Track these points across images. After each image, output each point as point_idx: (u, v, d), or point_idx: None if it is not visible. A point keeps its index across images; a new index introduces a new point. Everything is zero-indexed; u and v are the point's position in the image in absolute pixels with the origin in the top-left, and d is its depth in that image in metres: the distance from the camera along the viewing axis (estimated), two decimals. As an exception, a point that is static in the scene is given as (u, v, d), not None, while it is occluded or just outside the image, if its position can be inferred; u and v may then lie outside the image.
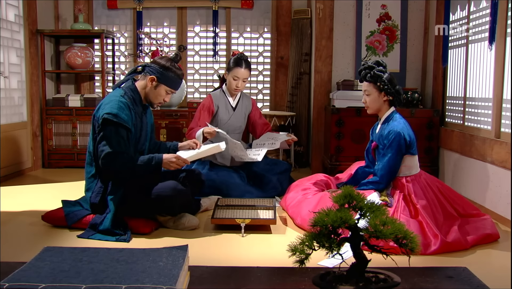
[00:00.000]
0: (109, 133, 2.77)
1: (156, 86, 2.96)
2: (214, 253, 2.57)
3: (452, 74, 4.28)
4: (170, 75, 2.96)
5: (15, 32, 4.66)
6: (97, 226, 2.77)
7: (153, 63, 2.99)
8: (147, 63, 3.03)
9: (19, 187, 4.19)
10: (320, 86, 4.89)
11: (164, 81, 2.96)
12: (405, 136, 2.85)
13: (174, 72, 2.97)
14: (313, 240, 1.41)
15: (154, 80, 2.95)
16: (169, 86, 2.99)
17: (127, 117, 2.82)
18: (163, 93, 2.99)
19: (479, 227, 2.79)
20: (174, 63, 3.00)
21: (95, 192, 2.88)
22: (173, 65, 2.98)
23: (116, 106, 2.80)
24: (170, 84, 2.99)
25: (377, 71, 2.94)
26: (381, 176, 2.89)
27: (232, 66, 3.80)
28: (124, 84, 2.99)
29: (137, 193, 2.83)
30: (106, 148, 2.76)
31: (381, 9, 4.84)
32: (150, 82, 2.96)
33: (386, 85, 2.92)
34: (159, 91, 2.98)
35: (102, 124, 2.79)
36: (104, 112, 2.79)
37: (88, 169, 2.96)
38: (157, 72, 2.94)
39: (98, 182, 2.90)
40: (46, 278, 1.29)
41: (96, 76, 5.56)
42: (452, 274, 1.62)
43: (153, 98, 3.00)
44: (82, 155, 5.05)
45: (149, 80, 2.95)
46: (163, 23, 5.56)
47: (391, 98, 2.96)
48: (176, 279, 1.29)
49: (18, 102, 4.75)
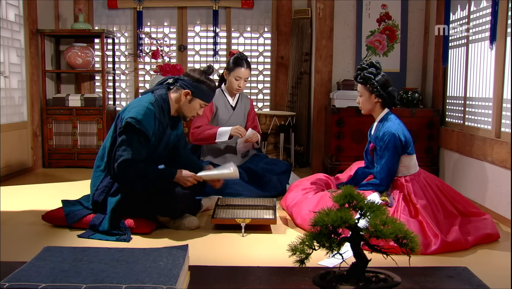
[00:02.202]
0: (130, 139, 2.73)
1: (191, 100, 2.94)
2: (214, 253, 2.57)
3: (452, 74, 4.28)
4: (204, 88, 2.94)
5: (15, 32, 4.66)
6: (96, 226, 2.77)
7: (186, 76, 2.96)
8: (179, 76, 3.00)
9: (19, 186, 4.19)
10: (320, 86, 4.89)
11: (199, 95, 2.94)
12: (400, 137, 2.85)
13: (208, 85, 2.95)
14: (313, 239, 1.41)
15: (189, 94, 2.92)
16: (203, 100, 2.97)
17: (150, 126, 2.78)
18: (197, 107, 2.98)
19: (480, 227, 2.79)
20: (207, 75, 2.99)
21: (99, 189, 2.87)
22: (206, 78, 2.96)
23: (142, 112, 2.76)
24: (204, 98, 2.97)
25: (367, 73, 2.94)
26: (381, 179, 2.89)
27: (233, 67, 3.79)
28: (156, 92, 2.95)
29: (139, 194, 2.83)
30: (124, 154, 2.72)
31: (381, 9, 4.84)
32: (184, 97, 2.93)
33: (375, 87, 2.92)
34: (194, 105, 2.96)
35: (124, 127, 2.75)
36: (129, 116, 2.74)
37: (98, 163, 2.94)
38: (191, 86, 2.92)
39: (104, 179, 2.88)
40: (46, 277, 1.29)
41: (97, 76, 5.56)
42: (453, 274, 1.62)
43: (187, 112, 2.98)
44: (82, 155, 5.06)
45: (183, 95, 2.92)
46: (164, 23, 5.56)
47: (381, 100, 2.96)
48: (176, 279, 1.29)
49: (18, 102, 4.75)
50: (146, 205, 2.83)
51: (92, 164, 3.06)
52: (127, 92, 5.67)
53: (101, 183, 2.88)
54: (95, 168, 2.95)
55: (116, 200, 2.79)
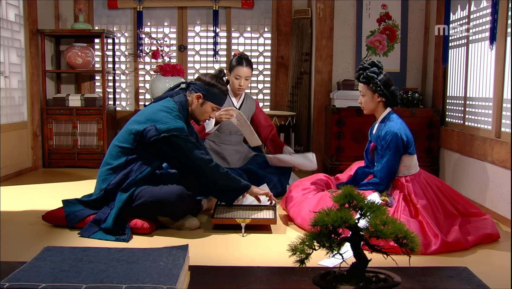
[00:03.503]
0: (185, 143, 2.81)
1: (203, 103, 2.99)
2: (215, 253, 2.57)
3: (453, 74, 4.28)
4: (215, 91, 2.99)
5: (15, 32, 4.66)
6: (101, 222, 2.76)
7: (198, 80, 3.03)
8: (191, 81, 3.07)
9: (19, 187, 4.19)
10: (321, 86, 4.89)
11: (210, 98, 2.99)
12: (402, 137, 2.85)
13: (219, 88, 3.00)
14: (314, 239, 1.41)
15: (200, 97, 2.98)
16: (215, 103, 3.02)
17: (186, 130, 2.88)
18: (209, 110, 3.02)
19: (480, 227, 2.79)
20: (219, 79, 3.03)
21: (111, 185, 2.85)
22: (218, 81, 3.01)
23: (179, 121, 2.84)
24: (216, 101, 3.02)
25: (370, 72, 2.94)
26: (381, 178, 2.89)
27: (233, 66, 3.81)
28: (175, 98, 3.00)
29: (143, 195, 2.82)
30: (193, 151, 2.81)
31: (381, 9, 4.84)
32: (196, 100, 2.99)
33: (378, 86, 2.92)
34: (206, 108, 3.01)
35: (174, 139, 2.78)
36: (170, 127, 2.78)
37: (109, 161, 2.90)
38: (203, 89, 2.97)
39: (117, 175, 2.85)
40: (46, 277, 1.29)
41: (97, 76, 5.56)
42: (453, 274, 1.62)
43: (200, 116, 3.04)
44: (82, 155, 5.05)
45: (195, 98, 2.98)
46: (164, 23, 5.56)
47: (384, 99, 2.96)
48: (176, 279, 1.29)
49: (18, 102, 4.75)
50: (148, 205, 2.82)
51: (92, 164, 3.06)
52: (127, 92, 5.66)
53: (114, 178, 2.85)
54: (105, 165, 2.91)
55: (125, 198, 2.78)
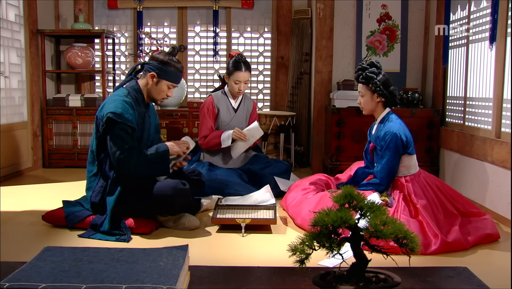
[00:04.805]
0: (117, 134, 2.78)
1: (157, 82, 2.97)
2: (215, 253, 2.57)
3: (453, 74, 4.27)
4: (169, 69, 2.96)
5: (15, 32, 4.66)
6: (98, 227, 2.77)
7: (151, 60, 2.99)
8: (145, 61, 3.04)
9: (19, 187, 4.19)
10: (321, 86, 4.89)
11: (165, 76, 2.96)
12: (401, 137, 2.85)
13: (173, 66, 2.97)
14: (314, 240, 1.41)
15: (155, 76, 2.95)
16: (170, 81, 2.99)
17: (132, 116, 2.83)
18: (165, 89, 3.00)
19: (480, 227, 2.79)
20: (172, 57, 3.01)
21: (95, 191, 2.88)
22: (171, 59, 2.98)
23: (120, 106, 2.80)
24: (171, 79, 2.99)
25: (369, 72, 2.94)
26: (381, 178, 2.89)
27: (231, 71, 3.80)
28: (127, 84, 3.00)
29: (137, 192, 2.83)
30: (118, 148, 2.77)
31: (381, 9, 4.84)
32: (150, 79, 2.96)
33: (378, 86, 2.92)
34: (161, 87, 2.98)
35: (107, 123, 2.78)
36: (108, 111, 2.78)
37: (89, 168, 2.96)
38: (156, 68, 2.95)
39: (99, 181, 2.89)
40: (47, 278, 1.29)
41: (97, 76, 5.56)
42: (453, 274, 1.62)
43: (156, 95, 3.01)
44: (82, 155, 5.05)
45: (149, 77, 2.96)
46: (164, 23, 5.56)
47: (383, 99, 2.96)
48: (176, 279, 1.29)
49: (18, 102, 4.75)
50: (145, 202, 2.83)
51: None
52: (127, 92, 5.66)
53: (96, 185, 2.89)
54: (88, 173, 2.96)
55: (114, 199, 2.79)
